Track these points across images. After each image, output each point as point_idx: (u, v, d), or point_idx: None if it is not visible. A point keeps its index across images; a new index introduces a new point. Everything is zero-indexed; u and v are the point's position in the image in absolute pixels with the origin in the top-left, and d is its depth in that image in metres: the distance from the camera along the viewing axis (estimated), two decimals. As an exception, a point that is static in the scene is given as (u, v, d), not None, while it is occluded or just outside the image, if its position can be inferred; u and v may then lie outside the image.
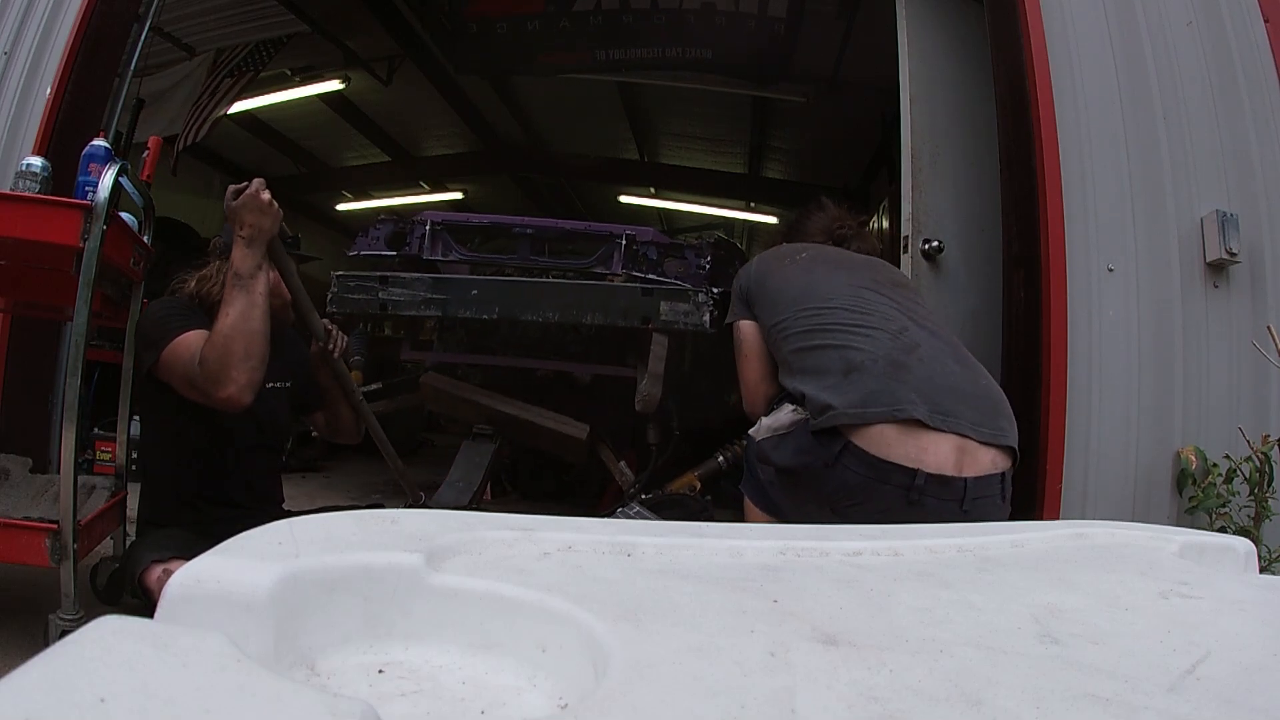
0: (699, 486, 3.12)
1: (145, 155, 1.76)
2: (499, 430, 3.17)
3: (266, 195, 1.52)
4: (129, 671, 0.25)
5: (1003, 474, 1.43)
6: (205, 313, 1.64)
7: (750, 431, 1.63)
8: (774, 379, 1.68)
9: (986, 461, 1.40)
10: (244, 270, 1.51)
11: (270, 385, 1.70)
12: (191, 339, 1.53)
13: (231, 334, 1.47)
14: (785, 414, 1.54)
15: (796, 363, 1.55)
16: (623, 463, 3.22)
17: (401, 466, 2.26)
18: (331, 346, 1.83)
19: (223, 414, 1.60)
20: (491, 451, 3.09)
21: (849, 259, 1.75)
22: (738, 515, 1.90)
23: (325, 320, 1.87)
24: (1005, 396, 1.52)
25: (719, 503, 2.97)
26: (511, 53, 5.26)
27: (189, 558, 1.15)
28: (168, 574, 1.38)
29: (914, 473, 1.36)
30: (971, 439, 1.39)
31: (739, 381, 1.76)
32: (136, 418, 3.53)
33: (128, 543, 1.94)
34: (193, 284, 1.73)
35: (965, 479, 1.38)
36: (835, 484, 1.41)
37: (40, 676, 0.24)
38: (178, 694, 0.24)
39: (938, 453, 1.37)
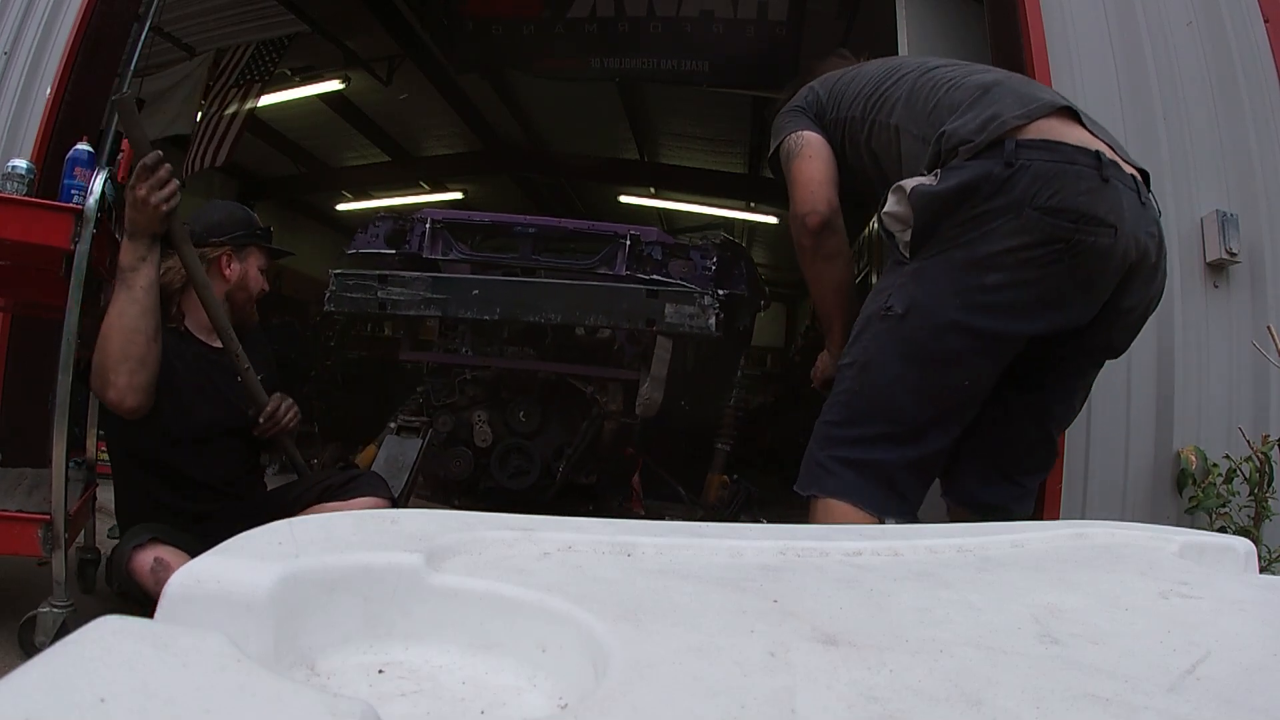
0: (729, 480, 3.12)
1: (120, 157, 1.78)
2: (428, 424, 2.94)
3: (142, 191, 1.44)
4: (129, 671, 0.25)
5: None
6: (164, 303, 1.59)
7: (885, 211, 1.33)
8: (836, 183, 1.50)
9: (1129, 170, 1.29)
10: (124, 263, 1.46)
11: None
12: (103, 327, 1.47)
13: (107, 332, 1.42)
14: (920, 178, 1.31)
15: (918, 120, 1.38)
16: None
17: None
18: (270, 424, 1.65)
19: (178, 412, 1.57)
20: (419, 447, 2.82)
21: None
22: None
23: (271, 396, 1.69)
24: None
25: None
26: (507, 54, 5.26)
27: (168, 540, 1.14)
28: (152, 559, 1.41)
29: (1095, 152, 1.23)
30: (1109, 146, 1.28)
31: (793, 186, 1.51)
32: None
33: (97, 535, 1.98)
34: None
35: (1132, 171, 1.28)
36: (1027, 180, 1.20)
37: (40, 676, 0.24)
38: (178, 694, 0.24)
39: (1099, 144, 1.26)
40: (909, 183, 1.29)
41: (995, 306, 1.25)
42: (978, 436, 1.40)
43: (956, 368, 1.28)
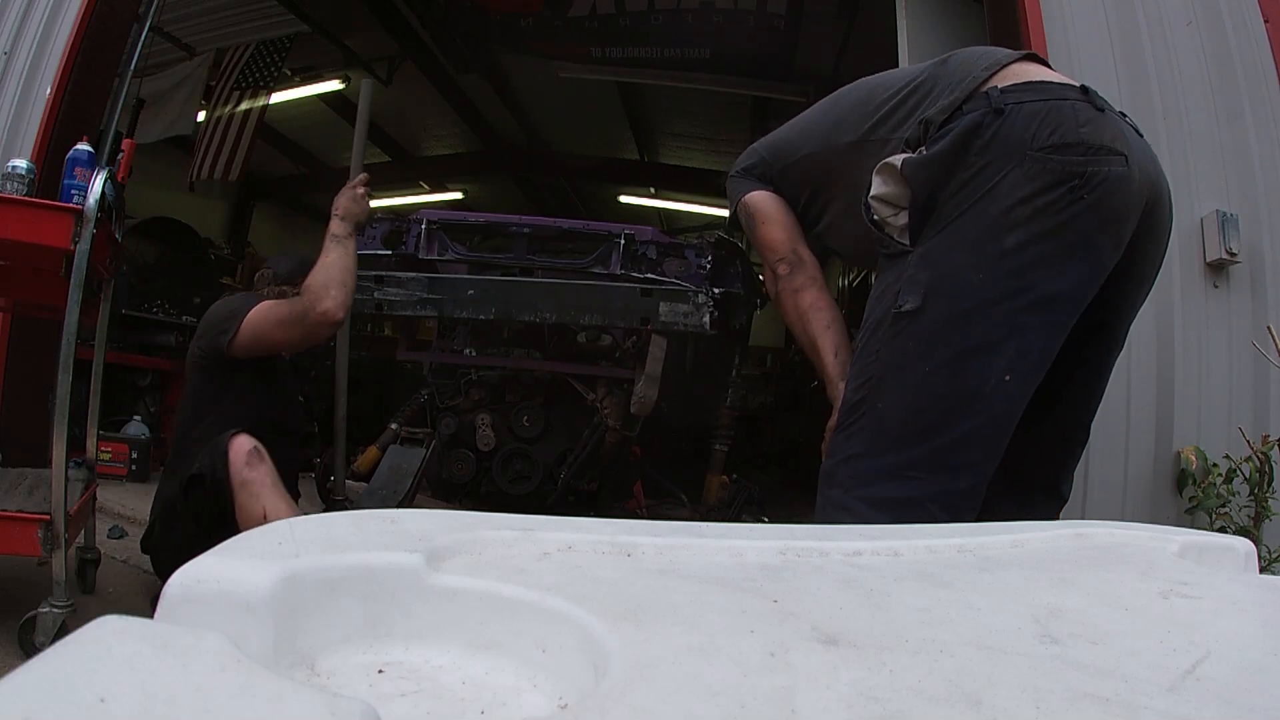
0: (729, 480, 3.13)
1: (120, 157, 1.81)
2: (431, 434, 3.04)
3: (362, 190, 2.01)
4: (129, 671, 0.25)
5: None
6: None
7: (872, 194, 1.20)
8: (796, 229, 1.42)
9: None
10: (340, 233, 1.92)
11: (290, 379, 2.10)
12: (265, 305, 1.85)
13: (332, 265, 1.85)
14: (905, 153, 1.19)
15: (889, 125, 1.28)
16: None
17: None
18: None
19: (271, 399, 1.95)
20: (422, 457, 2.91)
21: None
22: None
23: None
24: None
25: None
26: (502, 38, 5.25)
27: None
28: (253, 445, 1.61)
29: (1080, 85, 1.15)
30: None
31: (760, 250, 1.46)
32: (137, 417, 3.53)
33: (96, 535, 2.02)
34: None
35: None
36: (1021, 120, 1.10)
37: (40, 676, 0.24)
38: (178, 694, 0.24)
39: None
40: (896, 158, 1.17)
41: (1023, 270, 1.09)
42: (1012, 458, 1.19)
43: (993, 357, 1.09)
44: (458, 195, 8.89)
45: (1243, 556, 0.68)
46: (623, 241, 2.90)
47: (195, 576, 0.34)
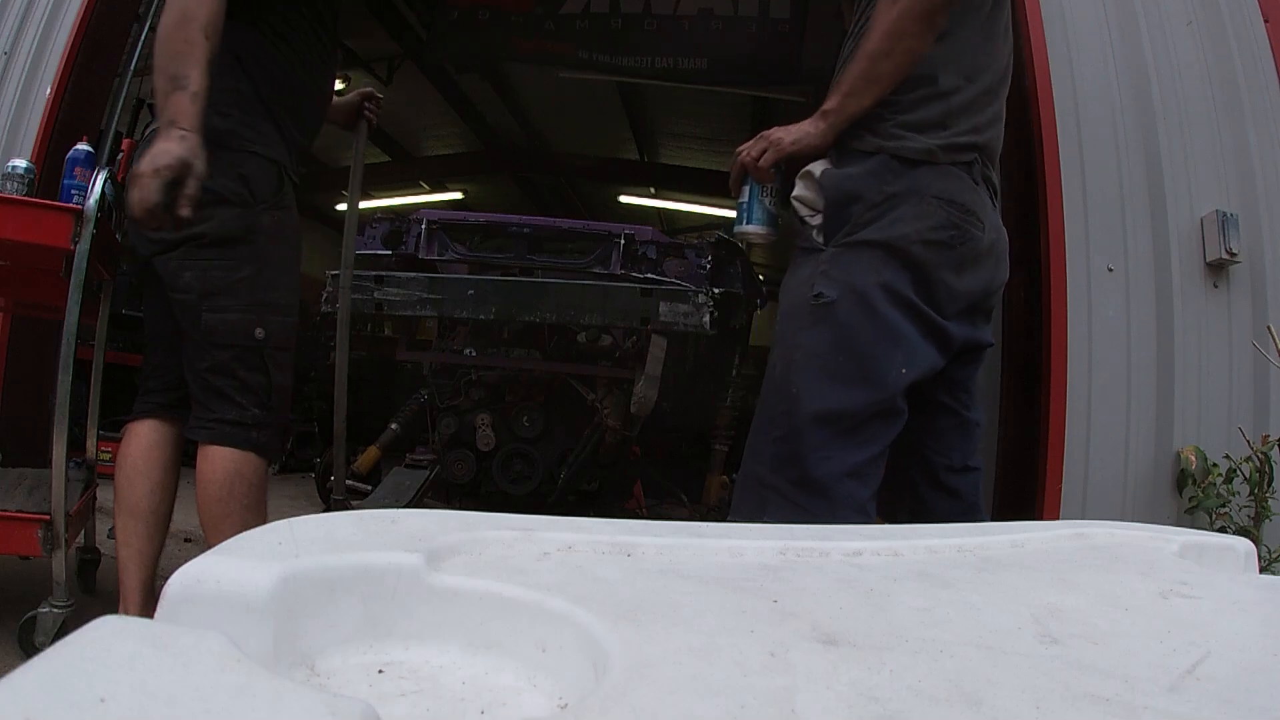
0: (729, 480, 3.14)
1: (120, 157, 1.81)
2: (435, 462, 3.08)
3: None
4: (129, 671, 0.25)
5: None
6: None
7: (795, 195, 1.35)
8: None
9: None
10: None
11: None
12: None
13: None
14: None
15: None
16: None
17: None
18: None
19: None
20: (423, 478, 2.98)
21: None
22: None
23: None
24: None
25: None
26: (491, 39, 5.21)
27: None
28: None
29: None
30: None
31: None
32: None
33: (97, 535, 1.99)
34: None
35: None
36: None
37: (40, 676, 0.24)
38: (178, 694, 0.24)
39: None
40: (816, 167, 1.31)
41: (923, 266, 1.26)
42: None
43: (896, 349, 1.26)
44: (458, 195, 8.88)
45: (1243, 556, 0.68)
46: (623, 241, 2.90)
47: (195, 576, 0.34)
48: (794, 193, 1.34)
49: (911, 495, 1.43)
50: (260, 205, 1.46)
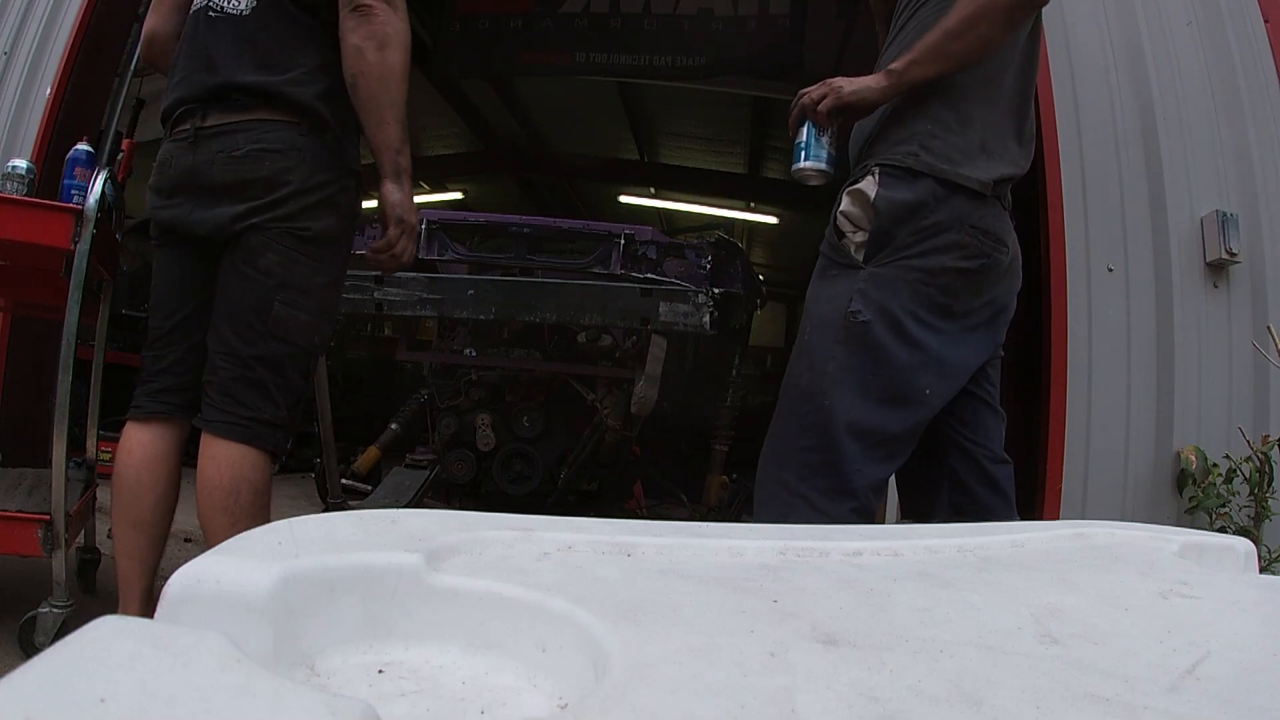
0: (729, 480, 3.14)
1: (120, 157, 1.81)
2: (435, 462, 3.10)
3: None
4: (129, 671, 0.25)
5: None
6: None
7: (841, 209, 1.37)
8: None
9: None
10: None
11: None
12: None
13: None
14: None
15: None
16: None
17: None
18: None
19: None
20: (423, 478, 3.00)
21: None
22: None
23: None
24: None
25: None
26: (493, 51, 5.21)
27: None
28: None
29: None
30: None
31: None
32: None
33: (96, 535, 1.98)
34: None
35: None
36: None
37: (40, 676, 0.24)
38: (178, 694, 0.24)
39: None
40: (870, 187, 1.32)
41: (953, 291, 1.31)
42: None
43: (925, 372, 1.31)
44: (458, 195, 8.87)
45: (1243, 556, 0.68)
46: (623, 241, 2.90)
47: (195, 577, 0.35)
48: (840, 207, 1.36)
49: (954, 487, 1.44)
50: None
